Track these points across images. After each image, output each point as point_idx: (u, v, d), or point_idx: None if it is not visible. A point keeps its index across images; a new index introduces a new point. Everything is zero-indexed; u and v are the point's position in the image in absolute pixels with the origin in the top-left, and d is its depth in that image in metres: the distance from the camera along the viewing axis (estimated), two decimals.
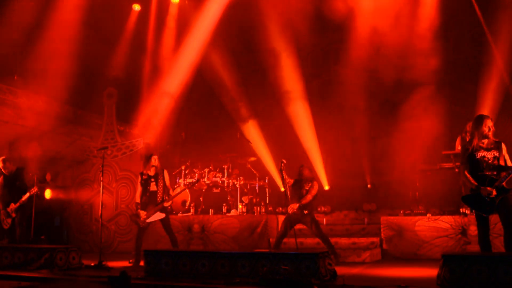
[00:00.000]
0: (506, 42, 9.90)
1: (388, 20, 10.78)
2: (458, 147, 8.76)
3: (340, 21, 11.03)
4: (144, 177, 7.97)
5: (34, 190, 8.19)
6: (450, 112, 10.46)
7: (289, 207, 7.43)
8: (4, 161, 8.42)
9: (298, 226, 7.89)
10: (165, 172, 8.05)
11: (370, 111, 11.24)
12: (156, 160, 7.98)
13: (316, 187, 7.64)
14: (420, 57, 10.72)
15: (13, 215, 8.18)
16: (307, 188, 7.55)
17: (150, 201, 7.81)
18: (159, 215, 7.77)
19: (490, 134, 5.69)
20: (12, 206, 8.14)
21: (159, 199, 7.82)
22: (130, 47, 11.75)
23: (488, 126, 5.68)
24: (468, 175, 5.67)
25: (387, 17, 10.78)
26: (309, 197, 7.48)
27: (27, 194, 8.12)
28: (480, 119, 5.77)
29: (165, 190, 7.93)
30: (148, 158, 8.04)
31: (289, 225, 7.48)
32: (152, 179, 7.90)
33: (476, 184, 5.56)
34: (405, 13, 10.80)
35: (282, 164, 7.47)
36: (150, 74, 12.16)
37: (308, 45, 12.48)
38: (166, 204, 7.79)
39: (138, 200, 7.94)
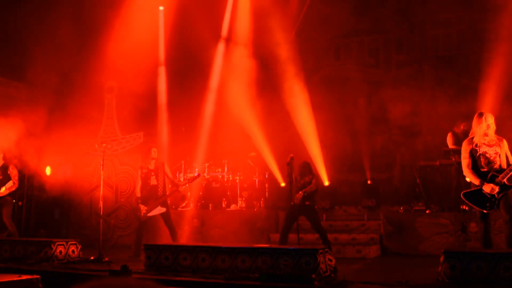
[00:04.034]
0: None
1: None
2: (450, 143, 8.75)
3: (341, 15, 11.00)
4: (144, 170, 7.89)
5: (9, 185, 8.11)
6: (451, 108, 10.44)
7: (295, 197, 7.41)
8: None
9: (299, 221, 7.87)
10: (166, 165, 7.99)
11: (370, 107, 11.22)
12: (156, 153, 7.91)
13: (317, 180, 7.68)
14: (421, 52, 10.70)
15: None
16: (308, 180, 7.56)
17: (150, 195, 7.77)
18: (160, 209, 7.74)
19: (490, 131, 5.67)
20: None
21: (159, 193, 7.77)
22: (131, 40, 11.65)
23: (488, 123, 5.66)
24: (470, 172, 5.66)
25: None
26: (313, 187, 7.48)
27: (3, 189, 8.05)
28: (480, 116, 5.76)
29: (167, 183, 7.88)
30: (147, 150, 7.99)
31: (291, 218, 7.46)
32: (152, 173, 7.83)
33: (480, 180, 5.55)
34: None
35: (290, 159, 7.45)
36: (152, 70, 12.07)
37: (308, 40, 12.44)
38: (181, 187, 8.11)
39: (138, 194, 7.89)
